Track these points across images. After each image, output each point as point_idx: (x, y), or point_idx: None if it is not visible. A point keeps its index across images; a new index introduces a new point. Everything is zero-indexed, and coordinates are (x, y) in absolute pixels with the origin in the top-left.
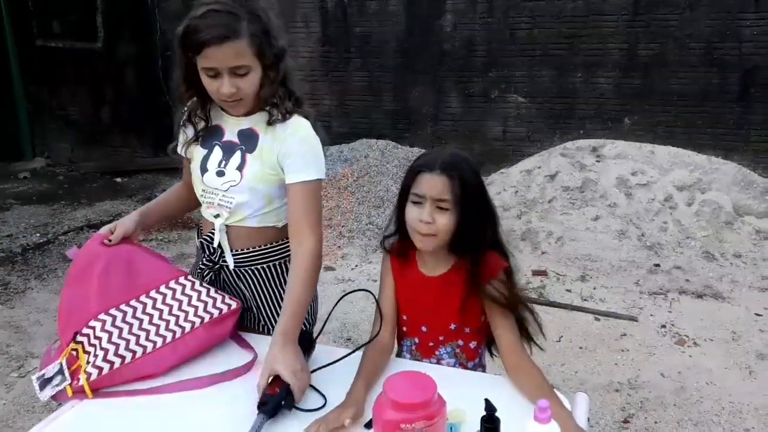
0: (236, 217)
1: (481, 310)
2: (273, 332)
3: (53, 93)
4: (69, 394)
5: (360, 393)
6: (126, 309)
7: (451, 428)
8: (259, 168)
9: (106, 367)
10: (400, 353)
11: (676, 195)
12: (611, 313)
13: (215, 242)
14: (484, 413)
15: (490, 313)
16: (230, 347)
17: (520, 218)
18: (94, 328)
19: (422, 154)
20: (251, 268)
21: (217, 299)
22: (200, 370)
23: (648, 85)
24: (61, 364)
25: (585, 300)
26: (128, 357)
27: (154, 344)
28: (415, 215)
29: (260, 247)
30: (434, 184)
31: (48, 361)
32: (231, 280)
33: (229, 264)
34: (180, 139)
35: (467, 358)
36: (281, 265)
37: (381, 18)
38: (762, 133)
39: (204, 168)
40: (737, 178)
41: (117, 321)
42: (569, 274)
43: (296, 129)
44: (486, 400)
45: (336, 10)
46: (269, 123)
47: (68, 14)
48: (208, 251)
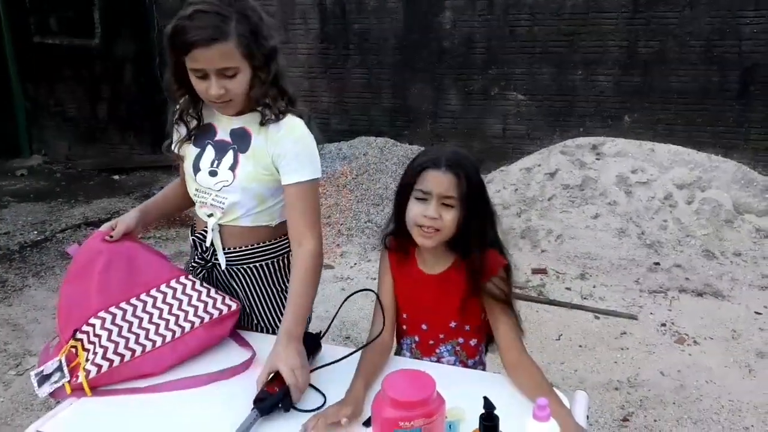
0: (229, 217)
1: (481, 307)
2: (266, 330)
3: (50, 90)
4: (68, 391)
5: (359, 391)
6: (126, 307)
7: (450, 426)
8: (252, 168)
9: (105, 365)
10: (399, 351)
11: (676, 193)
12: (611, 312)
13: (208, 241)
14: (483, 411)
15: (490, 311)
16: (228, 345)
17: (519, 216)
18: (94, 326)
19: (422, 152)
20: (244, 266)
21: (217, 300)
22: (198, 368)
23: (648, 82)
24: (60, 360)
25: (585, 298)
26: (127, 355)
27: (153, 343)
28: (419, 211)
29: (253, 246)
30: (441, 181)
31: (46, 358)
32: (224, 278)
33: (221, 263)
34: (174, 137)
35: (467, 355)
36: (274, 264)
37: (380, 15)
38: (762, 131)
39: (197, 167)
40: (737, 176)
41: (117, 319)
42: (569, 273)
43: (290, 129)
44: (485, 398)
45: (335, 6)
46: (262, 123)
47: (65, 11)
48: (200, 249)
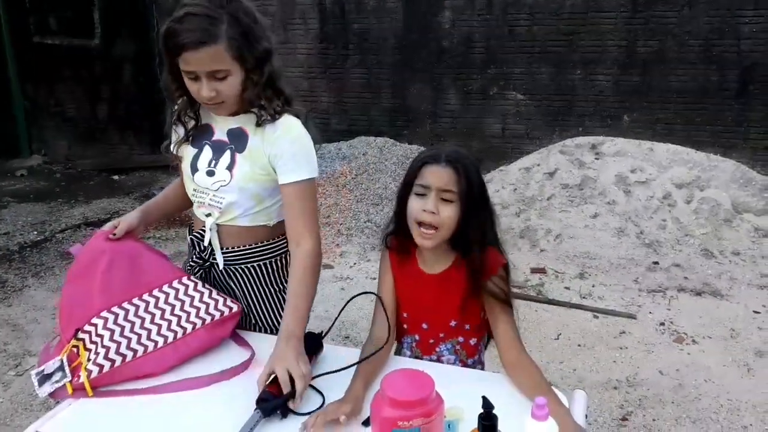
0: (227, 217)
1: (480, 306)
2: (264, 330)
3: (50, 90)
4: (69, 391)
5: (359, 390)
6: (128, 307)
7: (449, 426)
8: (249, 168)
9: (107, 365)
10: (400, 351)
11: (674, 192)
12: (610, 311)
13: (206, 241)
14: (482, 411)
15: (489, 310)
16: (228, 345)
17: (518, 216)
18: (96, 325)
19: (423, 150)
20: (241, 266)
21: (219, 301)
22: (199, 369)
23: (647, 82)
24: (61, 360)
25: (583, 297)
26: (129, 355)
27: (155, 343)
28: (418, 206)
29: (251, 246)
30: (440, 175)
31: (47, 357)
32: (221, 278)
33: (219, 263)
34: (172, 137)
35: (467, 354)
36: (272, 264)
37: (379, 15)
38: (761, 131)
39: (194, 167)
40: (736, 175)
41: (119, 319)
42: (568, 272)
43: (286, 129)
44: (483, 397)
45: (334, 6)
46: (258, 124)
47: (65, 11)
48: (198, 249)
